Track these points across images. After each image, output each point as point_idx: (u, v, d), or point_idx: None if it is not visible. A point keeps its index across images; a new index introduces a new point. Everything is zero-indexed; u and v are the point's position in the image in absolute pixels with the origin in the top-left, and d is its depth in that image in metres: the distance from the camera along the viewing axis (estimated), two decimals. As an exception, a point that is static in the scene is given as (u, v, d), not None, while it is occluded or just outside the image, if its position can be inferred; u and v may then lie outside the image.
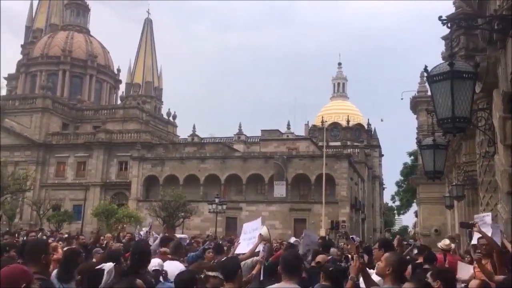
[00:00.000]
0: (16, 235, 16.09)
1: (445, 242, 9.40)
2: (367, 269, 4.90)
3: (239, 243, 7.30)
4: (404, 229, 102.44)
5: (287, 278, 4.12)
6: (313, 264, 6.93)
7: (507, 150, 6.07)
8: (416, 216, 46.93)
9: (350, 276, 4.81)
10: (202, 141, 57.18)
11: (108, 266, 4.08)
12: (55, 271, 5.06)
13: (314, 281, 5.44)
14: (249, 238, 7.12)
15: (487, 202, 9.10)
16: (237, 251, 7.52)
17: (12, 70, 71.10)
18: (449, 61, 4.89)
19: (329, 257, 7.62)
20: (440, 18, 4.98)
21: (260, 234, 6.80)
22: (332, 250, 8.88)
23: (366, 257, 6.83)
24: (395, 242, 10.74)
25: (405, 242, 21.12)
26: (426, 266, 6.48)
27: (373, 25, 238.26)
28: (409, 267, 5.40)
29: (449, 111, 4.81)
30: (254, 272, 5.72)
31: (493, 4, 5.65)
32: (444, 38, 11.04)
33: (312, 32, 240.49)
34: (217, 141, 57.35)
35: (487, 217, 6.60)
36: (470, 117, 5.06)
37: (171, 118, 66.99)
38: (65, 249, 7.01)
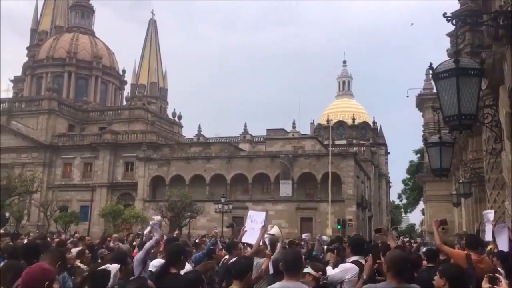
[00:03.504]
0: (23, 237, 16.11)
1: None
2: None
3: (245, 231, 7.31)
4: (411, 227, 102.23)
5: (288, 277, 4.23)
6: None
7: (514, 147, 6.03)
8: (423, 214, 46.79)
9: (361, 274, 4.89)
10: (208, 141, 57.20)
11: (113, 267, 4.11)
12: None
13: None
14: (252, 228, 7.15)
15: (495, 199, 9.06)
16: (244, 239, 7.54)
17: (18, 72, 71.57)
18: (454, 58, 4.86)
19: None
20: (444, 15, 4.95)
21: (263, 226, 6.84)
22: None
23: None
24: (398, 242, 10.71)
25: (413, 241, 21.07)
26: (430, 264, 6.39)
27: (378, 22, 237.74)
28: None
29: (455, 108, 4.78)
30: (263, 267, 5.77)
31: (498, 0, 5.61)
32: (449, 35, 11.00)
33: (317, 31, 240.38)
34: (222, 140, 57.32)
35: (490, 214, 6.59)
36: (477, 114, 5.03)
37: (176, 119, 67.05)
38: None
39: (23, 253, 5.43)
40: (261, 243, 6.91)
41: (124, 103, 65.28)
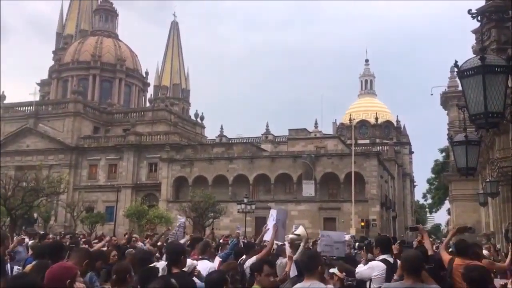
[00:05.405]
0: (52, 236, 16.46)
1: None
2: None
3: (268, 229, 7.36)
4: (437, 227, 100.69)
5: (307, 277, 4.33)
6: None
7: (543, 145, 5.89)
8: (449, 213, 46.02)
9: (394, 275, 4.99)
10: (230, 142, 57.42)
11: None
12: None
13: None
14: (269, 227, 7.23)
15: (523, 198, 8.86)
16: (265, 237, 7.60)
17: (45, 76, 73.18)
18: (480, 55, 4.78)
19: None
20: (469, 11, 4.87)
21: (275, 224, 6.91)
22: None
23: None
24: (415, 242, 10.66)
25: (438, 241, 20.79)
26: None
27: (401, 20, 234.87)
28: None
29: (481, 106, 4.70)
30: (287, 269, 5.80)
31: (525, -5, 5.49)
32: (474, 31, 10.80)
33: (338, 30, 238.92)
34: (244, 141, 57.43)
35: None
36: (504, 112, 4.94)
37: (198, 119, 67.49)
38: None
39: (48, 253, 5.55)
40: (284, 243, 6.92)
41: (148, 104, 66.10)
